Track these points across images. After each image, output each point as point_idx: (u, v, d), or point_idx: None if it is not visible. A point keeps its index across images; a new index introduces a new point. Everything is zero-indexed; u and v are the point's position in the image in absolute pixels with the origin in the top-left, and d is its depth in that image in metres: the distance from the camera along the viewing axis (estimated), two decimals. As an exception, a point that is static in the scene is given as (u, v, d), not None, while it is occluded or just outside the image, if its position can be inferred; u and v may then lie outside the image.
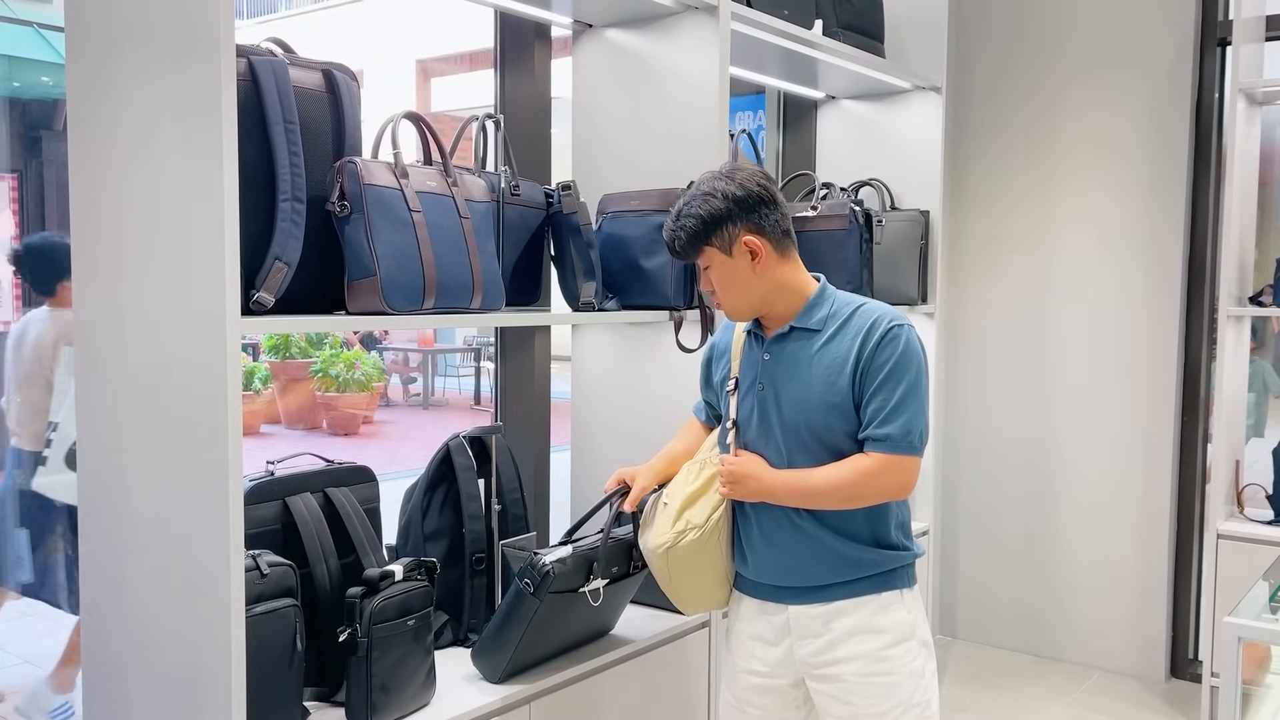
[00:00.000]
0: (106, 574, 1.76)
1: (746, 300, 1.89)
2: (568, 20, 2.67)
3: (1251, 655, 1.93)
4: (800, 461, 1.86)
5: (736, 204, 1.84)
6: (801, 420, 1.85)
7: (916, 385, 1.82)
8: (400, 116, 1.93)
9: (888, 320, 1.84)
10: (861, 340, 1.82)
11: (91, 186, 1.73)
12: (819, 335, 1.87)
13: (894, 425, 1.79)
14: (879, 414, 1.80)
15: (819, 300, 1.90)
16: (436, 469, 2.22)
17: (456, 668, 2.08)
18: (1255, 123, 3.58)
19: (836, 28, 3.03)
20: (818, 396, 1.83)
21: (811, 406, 1.84)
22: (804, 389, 1.85)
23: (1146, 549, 3.90)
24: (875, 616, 1.87)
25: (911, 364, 1.82)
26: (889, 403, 1.79)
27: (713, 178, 1.87)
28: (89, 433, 1.78)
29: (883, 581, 1.88)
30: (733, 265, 1.86)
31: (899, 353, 1.81)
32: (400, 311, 1.78)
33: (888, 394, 1.79)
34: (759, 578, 1.93)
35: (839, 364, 1.83)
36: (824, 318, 1.88)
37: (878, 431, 1.80)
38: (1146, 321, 3.87)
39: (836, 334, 1.86)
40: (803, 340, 1.88)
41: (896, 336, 1.82)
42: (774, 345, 1.90)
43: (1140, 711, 3.63)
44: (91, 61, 1.71)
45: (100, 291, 1.73)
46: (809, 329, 1.87)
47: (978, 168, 4.18)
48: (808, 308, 1.89)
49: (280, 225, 1.65)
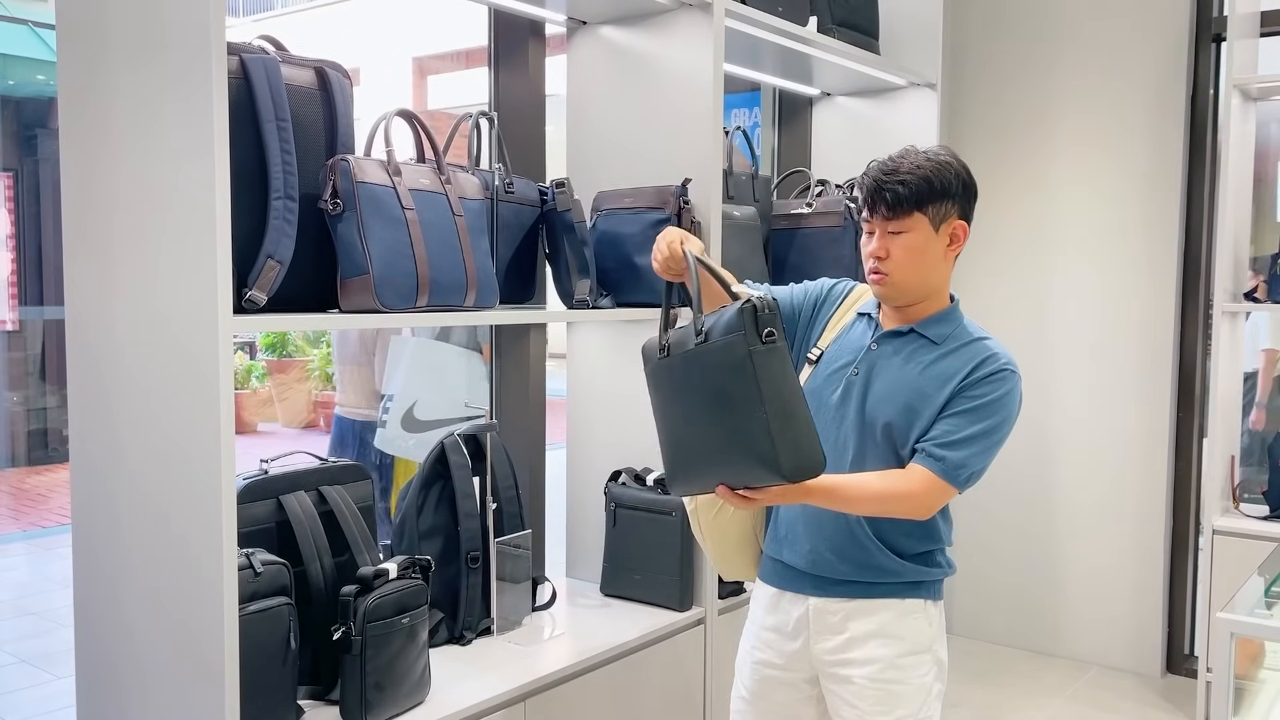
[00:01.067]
0: (100, 573, 1.76)
1: (918, 281, 1.82)
2: (562, 17, 2.67)
3: (1245, 651, 1.93)
4: (866, 456, 1.81)
5: (964, 186, 1.82)
6: (880, 417, 1.80)
7: (997, 430, 1.77)
8: (393, 114, 1.93)
9: (1004, 360, 1.79)
10: (974, 366, 1.77)
11: (83, 185, 1.73)
12: (934, 349, 1.82)
13: (956, 453, 1.74)
14: (948, 435, 1.75)
15: (948, 316, 1.85)
16: (431, 467, 2.22)
17: (452, 664, 2.08)
18: (1250, 118, 3.58)
19: (831, 24, 3.03)
20: (907, 403, 1.79)
21: (897, 408, 1.79)
22: (897, 391, 1.80)
23: (1142, 545, 3.91)
24: (895, 623, 1.84)
25: (1003, 410, 1.77)
26: (962, 430, 1.75)
27: (938, 150, 1.83)
28: (82, 431, 1.78)
29: (908, 589, 1.85)
30: (932, 242, 1.80)
31: (998, 394, 1.77)
32: (393, 310, 1.78)
33: (966, 422, 1.75)
34: (789, 559, 1.89)
35: (940, 382, 1.78)
36: (946, 334, 1.83)
37: (936, 450, 1.75)
38: (1142, 318, 3.88)
39: (949, 354, 1.80)
40: (916, 346, 1.83)
41: (1005, 379, 1.78)
42: (886, 338, 1.85)
43: (1136, 707, 3.64)
44: (82, 59, 1.71)
45: (93, 290, 1.73)
46: (928, 338, 1.83)
47: (972, 164, 4.12)
48: (937, 318, 1.85)
49: (272, 223, 1.65)
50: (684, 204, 2.39)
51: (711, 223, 2.49)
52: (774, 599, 1.93)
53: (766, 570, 1.97)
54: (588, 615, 2.46)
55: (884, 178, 1.81)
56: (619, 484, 2.58)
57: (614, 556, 2.56)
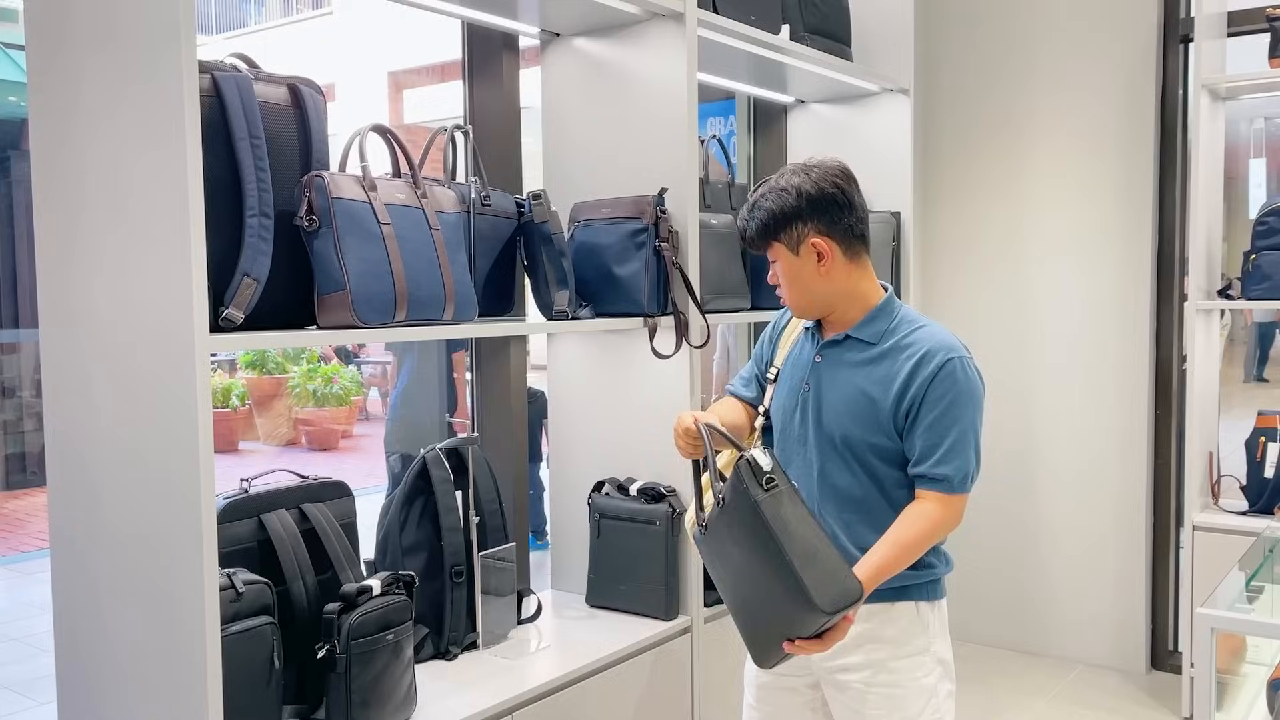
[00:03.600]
0: (79, 595, 1.74)
1: (810, 300, 1.86)
2: (535, 30, 2.67)
3: (1227, 645, 1.94)
4: (830, 468, 1.83)
5: (809, 202, 1.80)
6: (837, 429, 1.82)
7: (971, 423, 1.78)
8: (367, 129, 1.92)
9: (945, 352, 1.78)
10: (914, 366, 1.77)
11: (56, 206, 1.72)
12: (872, 349, 1.83)
13: (948, 466, 1.76)
14: (933, 451, 1.76)
15: (880, 313, 1.86)
16: (413, 482, 2.21)
17: (438, 681, 2.07)
18: (1219, 118, 3.63)
19: (804, 32, 3.05)
20: (857, 409, 1.80)
21: (850, 418, 1.81)
22: (846, 400, 1.82)
23: (1125, 543, 3.93)
24: (885, 626, 1.84)
25: (969, 401, 1.78)
26: (945, 441, 1.75)
27: (791, 171, 1.85)
28: (59, 453, 1.76)
29: (899, 592, 1.84)
30: (799, 264, 1.83)
31: (956, 390, 1.76)
32: (371, 325, 1.77)
33: (941, 434, 1.75)
34: None
35: (886, 382, 1.79)
36: (882, 331, 1.84)
37: (935, 471, 1.76)
38: (1119, 316, 3.91)
39: (890, 352, 1.81)
40: (855, 350, 1.84)
41: (953, 370, 1.77)
42: (828, 349, 1.88)
43: (1122, 704, 3.66)
44: (53, 80, 1.70)
45: (67, 309, 1.72)
46: (864, 340, 1.84)
47: (948, 168, 4.22)
48: (868, 319, 1.85)
49: (248, 241, 1.64)
50: (661, 213, 2.40)
51: (689, 231, 2.50)
52: None
53: None
54: (574, 627, 2.46)
55: (744, 215, 1.88)
56: (602, 494, 2.57)
57: (599, 567, 2.56)
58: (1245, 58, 3.70)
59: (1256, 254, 3.38)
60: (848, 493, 1.84)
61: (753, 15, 2.77)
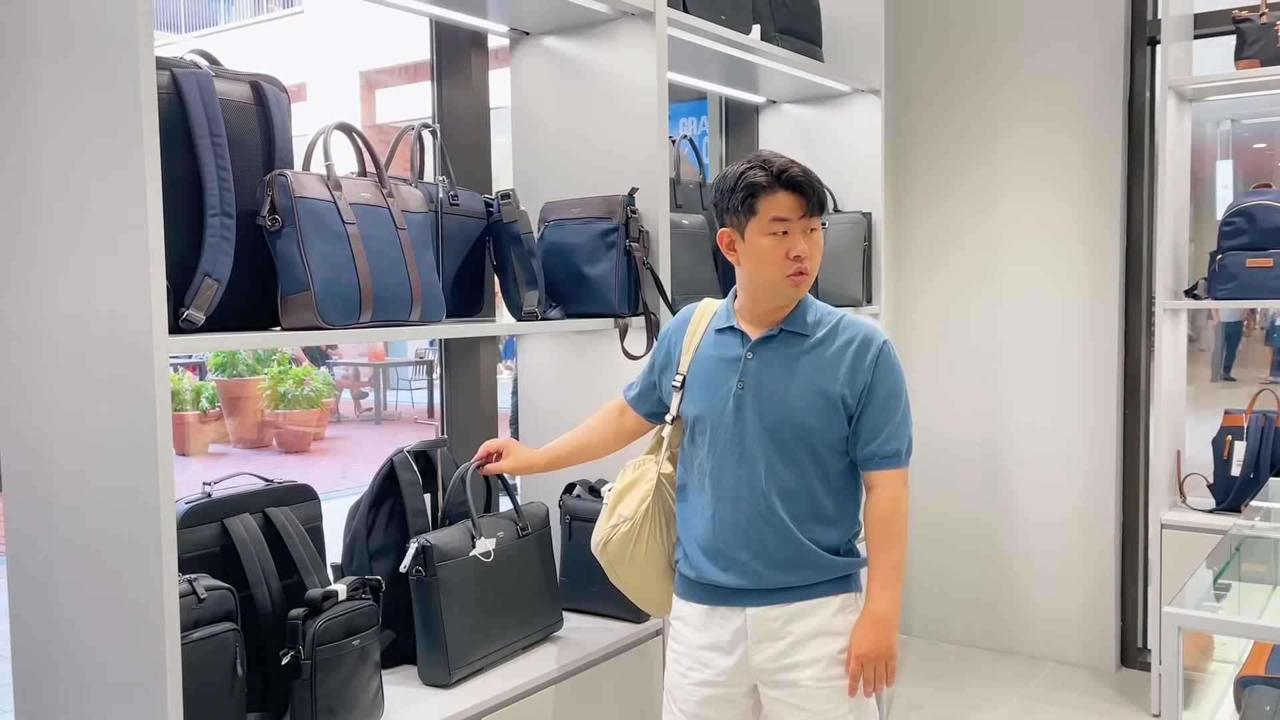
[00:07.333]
0: (35, 604, 1.71)
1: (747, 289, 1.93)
2: (504, 28, 2.65)
3: (1195, 642, 1.95)
4: (775, 463, 1.86)
5: (714, 199, 1.93)
6: (787, 424, 1.86)
7: (905, 399, 1.92)
8: (331, 128, 1.90)
9: (878, 336, 1.90)
10: (856, 353, 1.87)
11: (8, 204, 1.68)
12: (807, 340, 1.89)
13: (896, 442, 1.88)
14: (882, 429, 1.87)
15: (807, 305, 1.93)
16: (381, 485, 2.18)
17: (406, 686, 2.05)
18: (1186, 119, 3.66)
19: (774, 32, 3.04)
20: (806, 398, 1.86)
21: (803, 410, 1.86)
22: (795, 393, 1.86)
23: (1094, 541, 3.96)
24: (834, 619, 1.88)
25: (902, 381, 1.91)
26: (889, 421, 1.87)
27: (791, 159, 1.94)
28: (13, 456, 1.72)
29: (841, 584, 1.90)
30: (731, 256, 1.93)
31: (895, 371, 1.89)
32: (336, 326, 1.75)
33: (888, 413, 1.87)
34: (717, 579, 1.90)
35: (829, 369, 1.86)
36: (812, 323, 1.91)
37: (886, 448, 1.87)
38: (1088, 316, 3.94)
39: (825, 340, 1.89)
40: (791, 345, 1.90)
41: (890, 353, 1.89)
42: (759, 346, 1.91)
43: (1092, 701, 3.68)
44: (7, 77, 1.67)
45: (22, 311, 1.68)
46: (798, 333, 1.90)
47: (918, 169, 4.23)
48: (797, 312, 1.91)
49: (209, 241, 1.62)
50: (631, 213, 2.39)
51: (660, 231, 2.49)
52: (704, 616, 1.94)
53: (689, 590, 1.97)
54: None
55: (799, 170, 1.92)
56: (573, 496, 2.55)
57: (570, 569, 2.54)
58: (1212, 59, 3.74)
59: (1223, 254, 3.41)
60: (794, 486, 1.87)
61: (723, 15, 2.76)
